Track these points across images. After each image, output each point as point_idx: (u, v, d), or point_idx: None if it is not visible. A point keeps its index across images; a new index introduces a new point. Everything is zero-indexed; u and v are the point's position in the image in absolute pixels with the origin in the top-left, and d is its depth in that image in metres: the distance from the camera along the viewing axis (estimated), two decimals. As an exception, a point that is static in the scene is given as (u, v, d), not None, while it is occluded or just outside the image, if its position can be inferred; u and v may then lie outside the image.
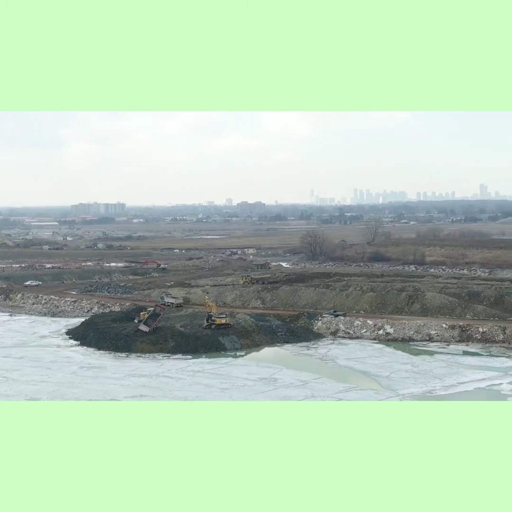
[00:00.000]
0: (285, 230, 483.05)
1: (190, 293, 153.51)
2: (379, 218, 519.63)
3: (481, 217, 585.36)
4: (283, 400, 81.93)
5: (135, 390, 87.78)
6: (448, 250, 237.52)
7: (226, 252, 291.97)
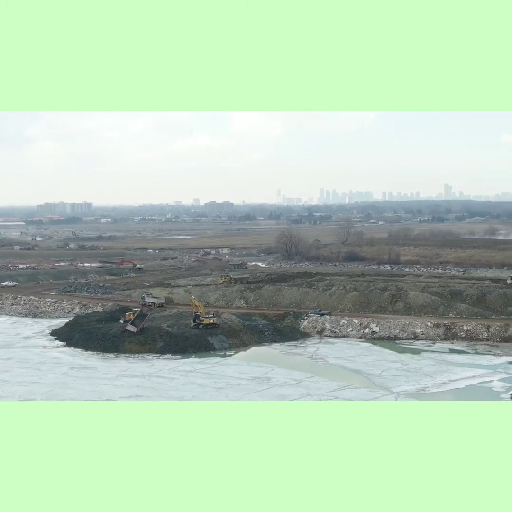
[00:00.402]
0: (255, 230, 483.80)
1: (173, 293, 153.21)
2: (348, 218, 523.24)
3: (448, 217, 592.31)
4: (279, 398, 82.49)
5: (129, 390, 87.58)
6: (422, 249, 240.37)
7: (200, 252, 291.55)
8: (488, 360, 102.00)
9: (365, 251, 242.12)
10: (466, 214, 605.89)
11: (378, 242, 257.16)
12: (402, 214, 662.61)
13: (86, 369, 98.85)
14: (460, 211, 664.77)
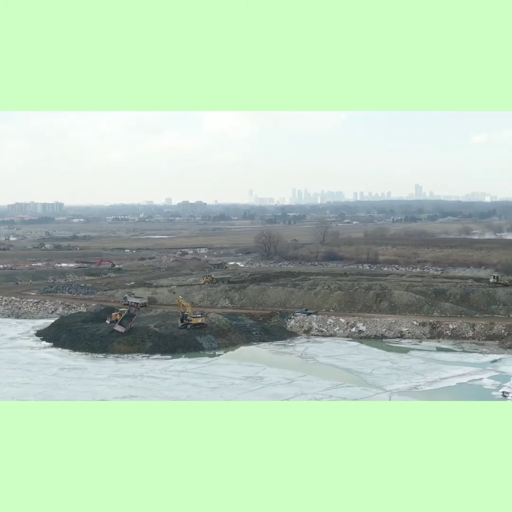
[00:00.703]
0: (231, 230, 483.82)
1: (156, 293, 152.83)
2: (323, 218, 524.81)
3: (420, 216, 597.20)
4: (274, 397, 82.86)
5: (123, 390, 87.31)
6: (400, 249, 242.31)
7: (177, 252, 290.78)
8: (476, 358, 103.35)
9: (344, 250, 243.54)
10: (439, 214, 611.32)
11: (356, 242, 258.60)
12: (375, 214, 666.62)
13: (76, 370, 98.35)
14: (432, 211, 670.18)
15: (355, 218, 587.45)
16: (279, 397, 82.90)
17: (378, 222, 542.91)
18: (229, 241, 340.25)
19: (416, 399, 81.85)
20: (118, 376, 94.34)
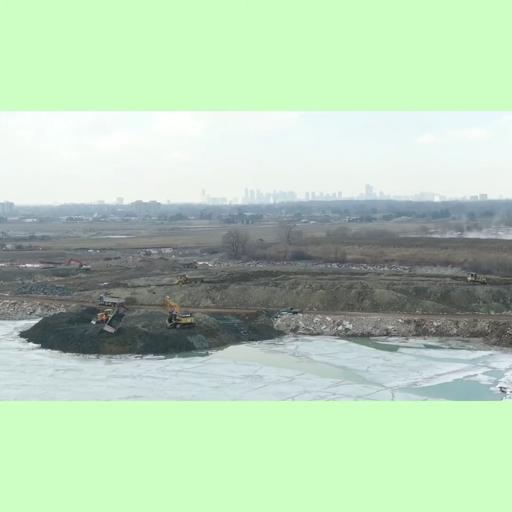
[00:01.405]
0: (189, 230, 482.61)
1: (136, 293, 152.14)
2: (280, 217, 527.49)
3: (375, 216, 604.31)
4: (278, 396, 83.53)
5: (125, 391, 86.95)
6: (366, 248, 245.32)
7: (142, 252, 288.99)
8: (465, 355, 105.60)
9: (311, 250, 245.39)
10: (393, 214, 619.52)
11: (323, 242, 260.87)
12: (330, 214, 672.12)
13: (72, 371, 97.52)
14: (385, 211, 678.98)
15: (312, 218, 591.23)
16: (284, 395, 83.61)
17: (335, 222, 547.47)
18: (192, 241, 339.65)
19: (418, 395, 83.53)
20: (117, 377, 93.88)
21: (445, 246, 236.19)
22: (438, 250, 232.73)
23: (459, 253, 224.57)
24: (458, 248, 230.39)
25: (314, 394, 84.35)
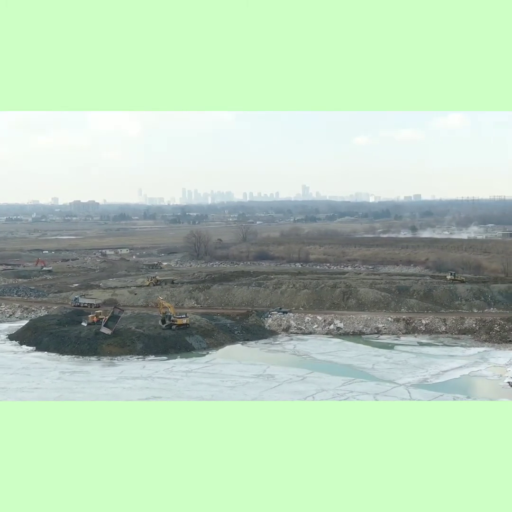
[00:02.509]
0: (137, 230, 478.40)
1: (116, 294, 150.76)
2: (225, 217, 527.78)
3: (319, 216, 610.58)
4: (297, 394, 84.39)
5: (141, 392, 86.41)
6: (328, 248, 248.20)
7: (97, 252, 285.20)
8: (461, 352, 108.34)
9: (273, 250, 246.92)
10: (337, 214, 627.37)
11: (284, 241, 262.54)
12: (274, 214, 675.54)
13: (79, 373, 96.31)
14: (327, 211, 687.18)
15: (257, 218, 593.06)
16: (302, 394, 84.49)
17: (280, 222, 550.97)
18: (145, 242, 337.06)
19: (433, 391, 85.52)
20: (127, 378, 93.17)
21: (405, 245, 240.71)
22: (398, 249, 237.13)
23: (419, 252, 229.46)
24: (418, 248, 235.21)
25: (332, 393, 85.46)
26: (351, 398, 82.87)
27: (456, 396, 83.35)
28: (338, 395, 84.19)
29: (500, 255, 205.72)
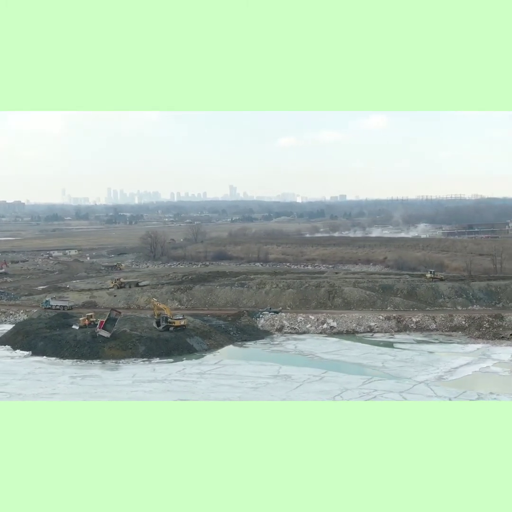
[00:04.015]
0: (73, 231, 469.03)
1: (95, 296, 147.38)
2: (160, 218, 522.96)
3: (256, 216, 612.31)
4: (323, 394, 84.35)
5: (165, 395, 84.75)
6: (285, 248, 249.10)
7: (45, 254, 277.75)
8: (460, 349, 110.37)
9: (231, 250, 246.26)
10: (272, 214, 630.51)
11: (241, 241, 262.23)
12: (210, 214, 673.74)
13: (90, 378, 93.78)
14: (260, 211, 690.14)
15: (194, 218, 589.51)
16: (329, 394, 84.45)
17: (218, 222, 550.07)
18: (90, 242, 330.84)
19: (455, 388, 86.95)
20: (143, 381, 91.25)
21: (362, 245, 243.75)
22: (355, 248, 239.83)
23: (376, 251, 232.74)
24: (375, 247, 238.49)
25: (357, 392, 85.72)
26: (378, 397, 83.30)
27: (480, 393, 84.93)
28: (364, 394, 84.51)
29: (459, 253, 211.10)
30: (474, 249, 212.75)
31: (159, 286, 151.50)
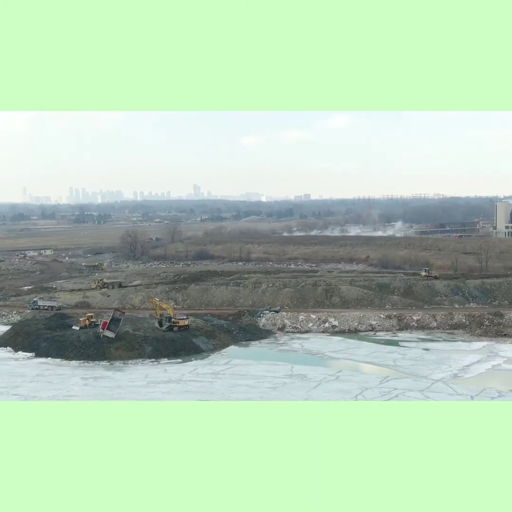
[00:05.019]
0: (42, 231, 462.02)
1: (88, 296, 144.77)
2: (128, 217, 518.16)
3: (225, 216, 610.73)
4: (344, 394, 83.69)
5: (184, 396, 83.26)
6: (266, 247, 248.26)
7: (20, 254, 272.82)
8: (466, 346, 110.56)
9: (212, 249, 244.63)
10: (242, 214, 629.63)
11: (222, 241, 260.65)
12: (178, 214, 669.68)
13: (102, 379, 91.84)
14: (227, 210, 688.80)
15: (163, 217, 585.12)
16: (350, 393, 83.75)
17: (187, 222, 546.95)
18: (62, 242, 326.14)
19: (475, 386, 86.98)
20: (158, 382, 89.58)
21: (344, 244, 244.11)
22: (337, 247, 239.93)
23: (358, 250, 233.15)
24: (356, 246, 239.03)
25: (377, 391, 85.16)
26: (400, 396, 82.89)
27: (500, 391, 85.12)
28: (385, 393, 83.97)
29: (442, 252, 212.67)
30: (458, 247, 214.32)
31: (152, 285, 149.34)
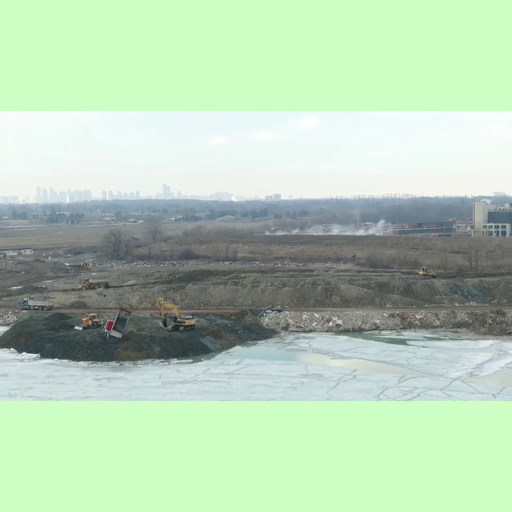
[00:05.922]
0: (15, 230, 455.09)
1: (83, 296, 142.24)
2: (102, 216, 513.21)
3: (200, 215, 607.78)
4: (365, 393, 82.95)
5: (203, 396, 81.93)
6: (252, 246, 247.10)
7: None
8: (474, 345, 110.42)
9: (197, 248, 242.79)
10: (216, 213, 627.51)
11: (207, 240, 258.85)
12: (152, 213, 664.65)
13: (116, 380, 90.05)
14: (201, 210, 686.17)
15: (137, 217, 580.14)
16: (371, 393, 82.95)
17: (162, 221, 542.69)
18: (40, 242, 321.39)
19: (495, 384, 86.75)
20: (173, 383, 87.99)
21: (329, 243, 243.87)
22: (323, 247, 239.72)
23: (344, 250, 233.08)
24: (342, 245, 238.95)
25: (398, 390, 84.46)
26: (422, 395, 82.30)
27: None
28: (407, 392, 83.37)
29: (430, 251, 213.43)
30: (445, 246, 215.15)
31: (149, 285, 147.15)
